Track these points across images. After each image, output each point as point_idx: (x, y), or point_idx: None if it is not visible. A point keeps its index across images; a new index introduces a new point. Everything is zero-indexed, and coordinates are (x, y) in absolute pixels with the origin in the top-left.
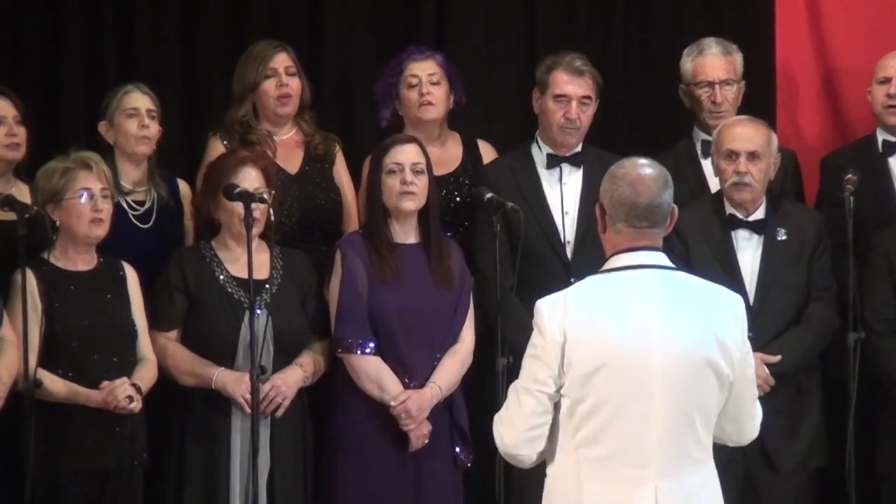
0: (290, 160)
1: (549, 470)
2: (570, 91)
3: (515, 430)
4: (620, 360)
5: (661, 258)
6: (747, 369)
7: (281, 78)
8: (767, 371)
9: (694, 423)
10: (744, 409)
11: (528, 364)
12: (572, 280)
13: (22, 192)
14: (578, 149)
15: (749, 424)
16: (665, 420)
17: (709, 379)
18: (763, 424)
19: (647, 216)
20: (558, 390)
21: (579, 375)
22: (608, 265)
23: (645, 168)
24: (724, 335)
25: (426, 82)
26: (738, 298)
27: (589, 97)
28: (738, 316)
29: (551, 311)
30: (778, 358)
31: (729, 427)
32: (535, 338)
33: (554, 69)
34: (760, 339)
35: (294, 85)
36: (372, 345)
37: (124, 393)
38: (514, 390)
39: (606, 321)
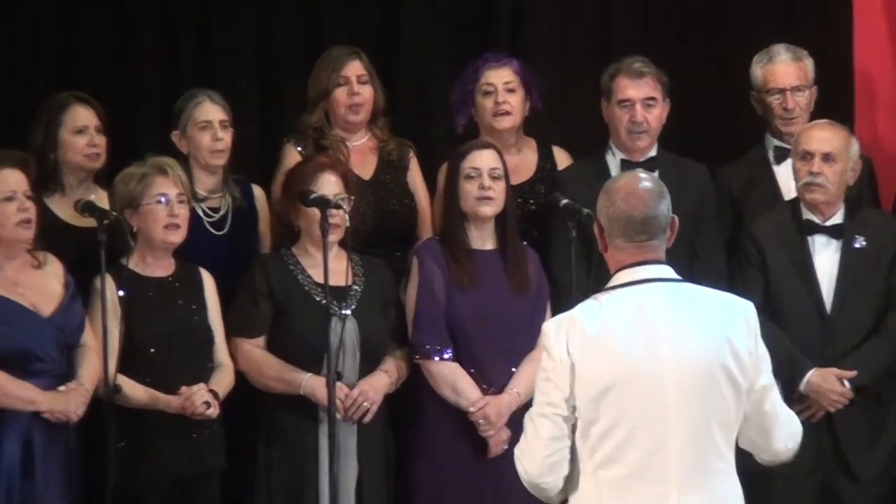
0: (364, 166)
1: (571, 498)
2: (633, 94)
3: (536, 457)
4: (632, 377)
5: (666, 271)
6: (760, 377)
7: (352, 86)
8: (845, 386)
9: (713, 435)
10: (767, 418)
11: (541, 388)
12: None
13: (101, 199)
14: (652, 153)
15: (777, 433)
16: (683, 433)
17: (723, 388)
18: (841, 433)
19: (645, 229)
20: (573, 412)
21: (590, 395)
22: (613, 282)
23: (639, 181)
24: (735, 343)
25: (502, 90)
26: (750, 305)
27: (653, 98)
28: (749, 323)
29: (557, 332)
30: (853, 373)
31: (756, 437)
32: (544, 361)
33: (616, 76)
34: (837, 346)
35: (366, 93)
36: (450, 351)
37: (202, 399)
38: (529, 418)
39: (614, 338)
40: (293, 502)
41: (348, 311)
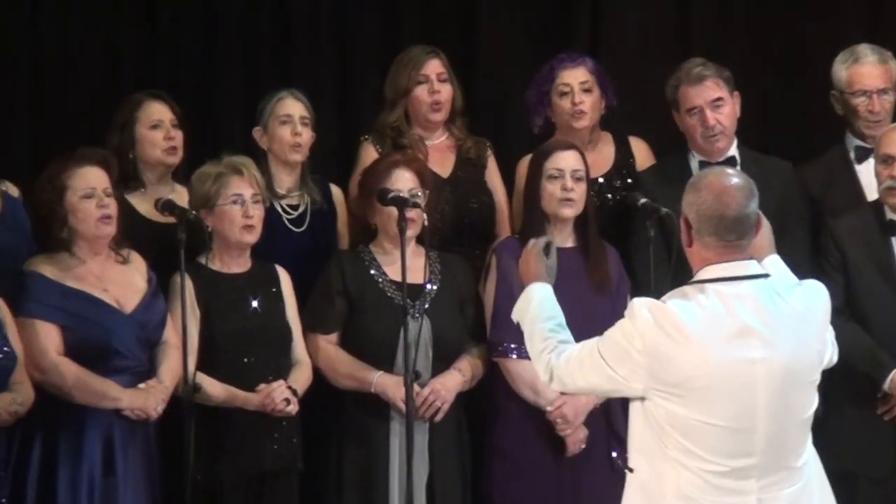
0: (443, 164)
1: (653, 485)
2: (699, 101)
3: (567, 386)
4: (721, 373)
5: (754, 266)
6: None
7: (433, 84)
8: None
9: (794, 432)
10: None
11: (613, 349)
12: None
13: (181, 196)
14: (732, 152)
15: None
16: (767, 430)
17: (809, 387)
18: None
19: (736, 228)
20: (626, 387)
21: (674, 388)
22: (701, 276)
23: (730, 178)
24: (823, 333)
25: (578, 90)
26: (823, 286)
27: (720, 98)
28: (827, 304)
29: (648, 313)
30: None
31: None
32: (626, 326)
33: (678, 86)
34: None
35: (445, 91)
36: None
37: (281, 395)
38: (590, 350)
39: (703, 334)
40: (365, 500)
41: (421, 312)
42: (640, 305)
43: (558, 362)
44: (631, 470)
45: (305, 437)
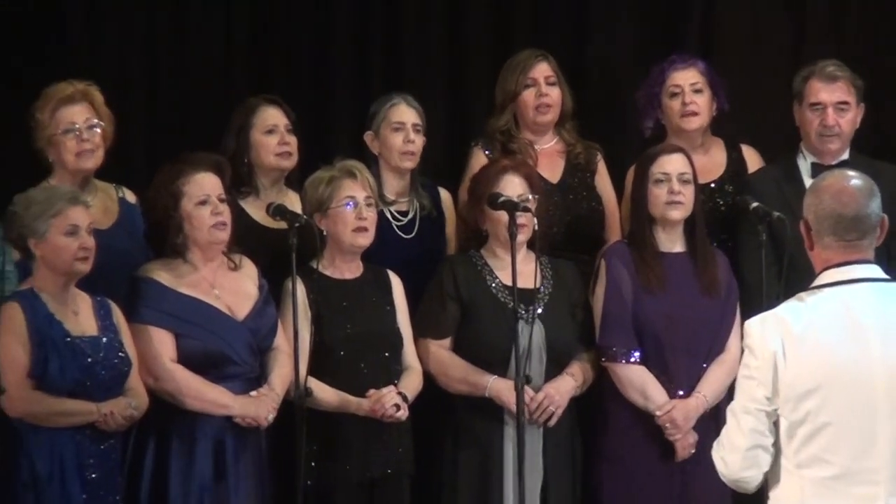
0: (552, 169)
1: (772, 493)
2: (825, 98)
3: (737, 451)
4: (841, 378)
5: (875, 270)
6: None
7: (540, 88)
8: None
9: None
10: None
11: (743, 385)
12: None
13: (293, 201)
14: (844, 156)
15: None
16: (892, 435)
17: None
18: None
19: (856, 227)
20: (775, 409)
21: (796, 394)
22: (819, 281)
23: (849, 179)
24: None
25: (689, 91)
26: None
27: (846, 102)
28: None
29: (762, 329)
30: None
31: None
32: (747, 358)
33: (809, 79)
34: None
35: (554, 95)
36: (637, 354)
37: (391, 401)
38: (731, 412)
39: (822, 338)
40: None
41: (535, 316)
42: (748, 324)
43: (716, 444)
44: None
45: (416, 441)
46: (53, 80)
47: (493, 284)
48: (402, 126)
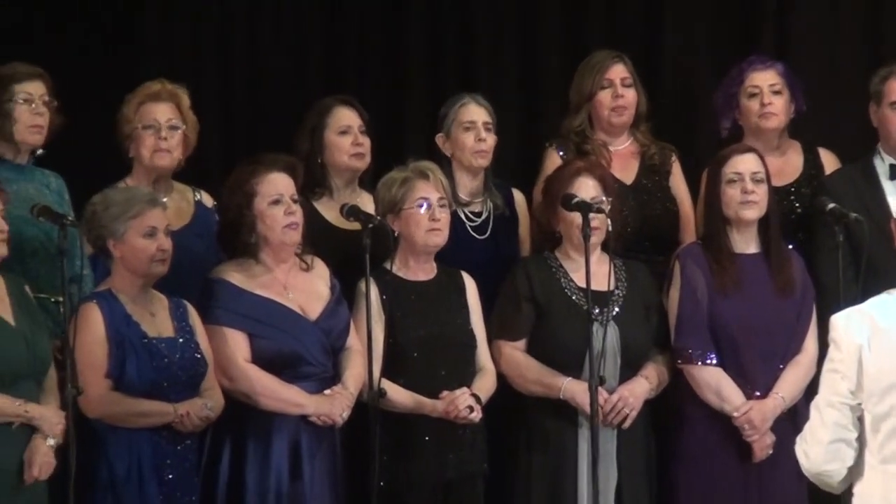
0: (626, 171)
1: (857, 488)
2: None
3: (820, 444)
4: None
5: None
6: None
7: (616, 89)
8: None
9: None
10: None
11: (827, 378)
12: None
13: (366, 202)
14: None
15: None
16: None
17: None
18: None
19: None
20: (860, 403)
21: (880, 388)
22: None
23: None
24: None
25: (767, 92)
26: None
27: None
28: None
29: (847, 324)
30: None
31: None
32: (832, 352)
33: (888, 79)
34: None
35: (629, 96)
36: (713, 355)
37: (465, 403)
38: (815, 407)
39: None
40: None
41: (609, 318)
42: (834, 318)
43: (799, 438)
44: None
45: (488, 442)
46: (130, 83)
47: (568, 286)
48: (473, 125)
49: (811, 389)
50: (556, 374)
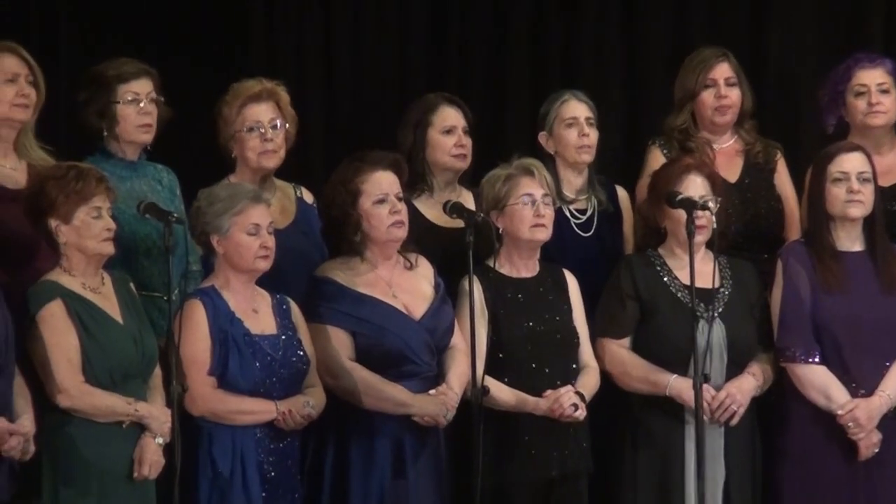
0: (730, 168)
1: None
2: None
3: None
4: None
5: None
6: None
7: (720, 89)
8: None
9: None
10: None
11: None
12: None
13: (467, 200)
14: None
15: None
16: None
17: None
18: None
19: None
20: None
21: None
22: None
23: None
24: None
25: (875, 91)
26: None
27: None
28: None
29: None
30: None
31: None
32: None
33: None
34: None
35: (733, 96)
36: (817, 354)
37: (569, 401)
38: None
39: None
40: (662, 502)
41: (716, 314)
42: None
43: None
44: None
45: (593, 440)
46: (235, 81)
47: (672, 284)
48: (576, 121)
49: None
50: (661, 371)
